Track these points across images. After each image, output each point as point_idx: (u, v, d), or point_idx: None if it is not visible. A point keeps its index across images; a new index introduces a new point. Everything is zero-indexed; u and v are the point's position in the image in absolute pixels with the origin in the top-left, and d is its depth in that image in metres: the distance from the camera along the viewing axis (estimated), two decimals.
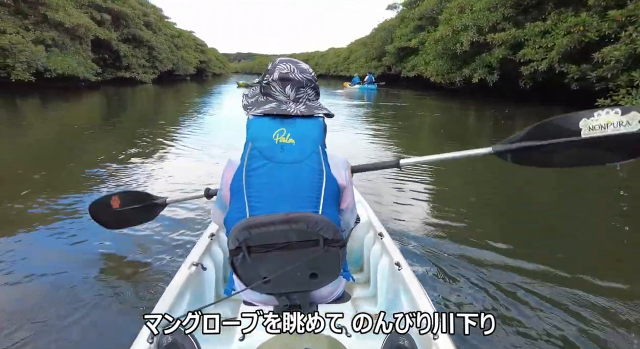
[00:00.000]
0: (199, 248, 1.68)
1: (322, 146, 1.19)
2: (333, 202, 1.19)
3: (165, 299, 1.29)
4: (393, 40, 32.86)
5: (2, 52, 14.47)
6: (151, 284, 2.22)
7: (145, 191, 2.67)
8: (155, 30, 29.29)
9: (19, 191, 3.82)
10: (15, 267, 2.41)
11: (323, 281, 1.21)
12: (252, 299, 1.29)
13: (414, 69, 26.79)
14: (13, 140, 6.84)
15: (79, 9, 20.20)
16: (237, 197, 1.16)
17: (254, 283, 1.17)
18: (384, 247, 1.70)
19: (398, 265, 1.50)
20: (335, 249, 1.15)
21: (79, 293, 2.12)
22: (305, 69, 1.26)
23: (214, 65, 56.12)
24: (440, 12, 23.31)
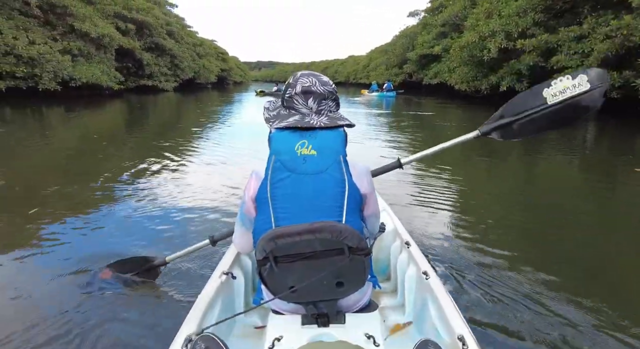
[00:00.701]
0: (229, 257, 1.69)
1: (344, 156, 1.21)
2: (356, 210, 1.20)
3: (197, 307, 1.32)
4: (414, 47, 32.41)
5: (31, 62, 14.80)
6: (184, 291, 2.24)
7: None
8: (178, 39, 29.75)
9: (38, 202, 3.83)
10: (51, 272, 2.44)
11: (349, 289, 1.22)
12: (280, 308, 1.31)
13: (437, 77, 26.24)
14: (38, 149, 6.82)
15: (105, 19, 20.66)
16: (263, 209, 1.19)
17: (281, 292, 1.19)
18: (411, 256, 1.69)
19: (425, 274, 1.49)
20: (360, 258, 1.16)
21: (113, 300, 2.15)
22: (326, 82, 1.29)
23: (235, 73, 56.81)
24: (464, 19, 22.75)
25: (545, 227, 3.38)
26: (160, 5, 30.42)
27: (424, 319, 1.44)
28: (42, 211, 3.59)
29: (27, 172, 5.24)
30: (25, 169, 5.36)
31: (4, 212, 3.60)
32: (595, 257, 2.80)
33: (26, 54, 14.36)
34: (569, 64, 11.02)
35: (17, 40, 14.23)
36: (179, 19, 33.99)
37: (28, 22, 15.56)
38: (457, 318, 1.22)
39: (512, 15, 13.12)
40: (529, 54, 12.56)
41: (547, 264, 2.55)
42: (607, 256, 2.83)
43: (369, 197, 1.27)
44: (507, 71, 14.24)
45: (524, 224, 3.46)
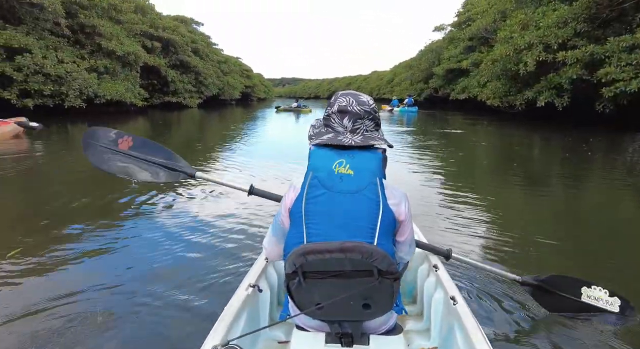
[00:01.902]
0: (256, 269, 1.69)
1: (380, 178, 1.20)
2: (389, 233, 1.19)
3: (224, 318, 1.33)
4: (441, 62, 31.78)
5: (59, 81, 14.98)
6: (210, 301, 2.25)
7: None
8: (203, 56, 30.16)
9: (61, 217, 3.89)
10: (77, 285, 2.44)
11: (376, 312, 1.21)
12: (305, 324, 1.31)
13: (465, 91, 25.36)
14: (62, 166, 6.79)
15: (132, 37, 21.03)
16: (296, 223, 1.20)
17: (307, 308, 1.20)
18: (439, 280, 1.66)
19: (453, 299, 1.45)
20: (389, 282, 1.14)
21: (138, 312, 2.15)
22: (364, 102, 1.29)
23: (259, 90, 57.45)
24: (495, 32, 21.94)
25: (584, 257, 3.19)
26: (186, 24, 31.08)
27: (449, 345, 1.42)
28: (64, 224, 3.62)
29: (52, 186, 5.31)
30: (50, 183, 5.44)
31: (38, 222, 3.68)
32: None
33: (54, 72, 14.54)
34: (620, 77, 10.01)
35: (46, 59, 14.44)
36: (204, 36, 34.62)
37: (58, 41, 15.86)
38: (484, 346, 1.20)
39: (551, 26, 12.24)
40: (571, 67, 11.60)
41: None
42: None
43: (404, 223, 1.25)
44: (545, 85, 13.28)
45: (559, 252, 3.22)
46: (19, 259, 2.86)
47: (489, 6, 23.46)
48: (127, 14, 20.38)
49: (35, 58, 14.07)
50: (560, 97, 12.83)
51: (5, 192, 5.02)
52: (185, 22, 31.60)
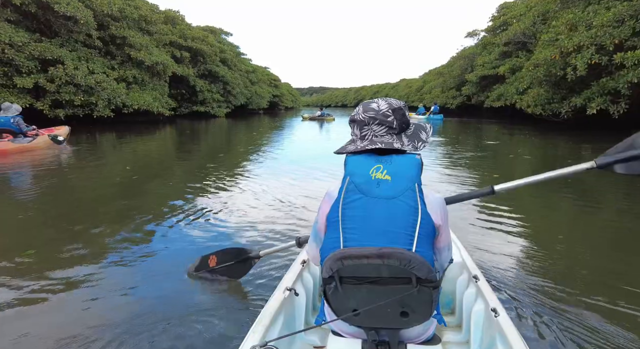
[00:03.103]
0: (292, 273, 1.72)
1: (419, 184, 1.19)
2: (428, 240, 1.17)
3: (262, 320, 1.35)
4: (474, 68, 30.52)
5: (89, 91, 15.16)
6: (247, 304, 2.32)
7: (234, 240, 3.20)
8: (231, 66, 30.32)
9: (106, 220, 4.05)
10: (114, 293, 2.48)
11: (414, 320, 1.19)
12: (341, 330, 1.30)
13: (501, 99, 24.04)
14: (90, 176, 6.73)
15: (161, 48, 21.29)
16: (333, 228, 1.20)
17: (344, 313, 1.19)
18: (479, 291, 1.63)
19: (495, 311, 1.41)
20: (428, 290, 1.13)
21: (178, 314, 2.19)
22: (371, 108, 1.29)
23: (286, 99, 57.63)
24: (534, 36, 20.68)
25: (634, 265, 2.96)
26: (215, 34, 31.44)
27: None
28: (111, 228, 3.74)
29: (89, 193, 5.40)
30: (86, 190, 5.54)
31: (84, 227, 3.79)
32: None
33: (84, 82, 14.70)
34: None
35: (78, 70, 14.64)
36: (233, 46, 34.97)
37: (90, 53, 16.13)
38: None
39: (605, 25, 11.07)
40: (631, 69, 10.39)
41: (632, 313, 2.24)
42: None
43: (442, 229, 1.23)
44: (597, 91, 12.04)
45: (614, 272, 2.90)
46: (53, 264, 2.90)
47: (527, 9, 22.22)
48: (157, 25, 20.64)
49: (67, 69, 14.28)
50: (615, 104, 11.58)
51: (37, 196, 5.17)
52: (215, 32, 31.99)
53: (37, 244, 3.34)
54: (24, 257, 3.03)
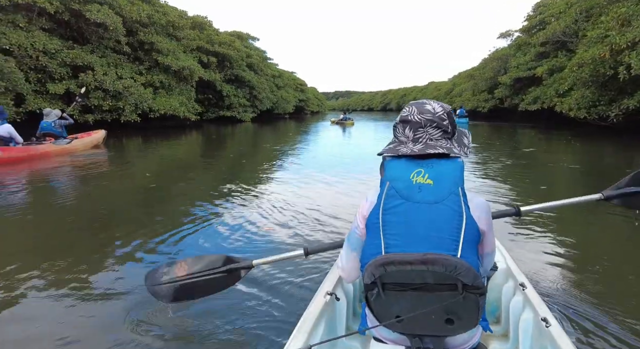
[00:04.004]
0: (332, 278, 1.69)
1: (462, 188, 1.16)
2: (473, 246, 1.14)
3: (304, 324, 1.36)
4: (507, 70, 29.23)
5: (117, 96, 15.35)
6: (286, 306, 2.33)
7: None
8: (257, 71, 30.36)
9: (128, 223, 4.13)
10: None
11: (459, 328, 1.16)
12: (383, 336, 1.28)
13: (537, 102, 22.75)
14: (115, 180, 6.91)
15: (189, 53, 21.47)
16: (373, 234, 1.18)
17: (386, 320, 1.18)
18: (527, 299, 1.58)
19: (545, 321, 1.37)
20: (474, 297, 1.10)
21: (218, 316, 2.21)
22: (427, 110, 1.25)
23: (312, 103, 57.52)
24: (575, 34, 19.41)
25: None
26: (242, 39, 31.64)
27: None
28: (129, 232, 3.78)
29: (110, 198, 5.46)
30: (108, 196, 5.59)
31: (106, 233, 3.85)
32: None
33: (112, 88, 14.89)
34: None
35: (106, 75, 14.85)
36: (259, 51, 35.10)
37: (119, 58, 16.38)
38: None
39: None
40: None
41: None
42: None
43: (486, 234, 1.20)
44: None
45: None
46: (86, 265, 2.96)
47: (568, 6, 20.90)
48: (185, 31, 20.84)
49: (97, 75, 14.50)
50: None
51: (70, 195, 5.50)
52: (241, 37, 32.21)
53: (65, 246, 3.46)
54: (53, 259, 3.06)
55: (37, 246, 3.49)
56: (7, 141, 7.81)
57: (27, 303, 2.45)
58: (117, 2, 15.35)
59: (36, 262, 3.00)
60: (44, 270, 2.88)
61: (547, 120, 23.15)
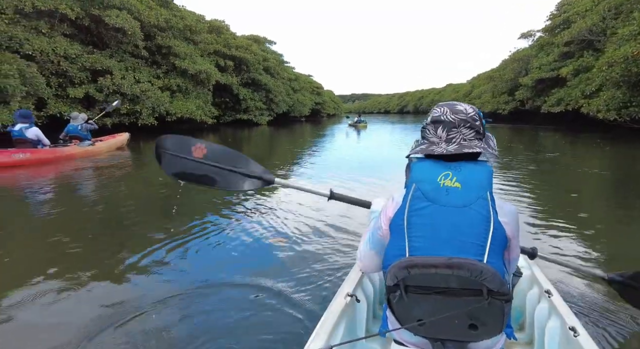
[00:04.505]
0: (352, 279, 1.70)
1: (491, 192, 1.14)
2: (499, 252, 1.12)
3: (325, 324, 1.36)
4: (529, 71, 28.44)
5: (135, 99, 15.50)
6: (307, 306, 2.33)
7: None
8: (274, 74, 30.40)
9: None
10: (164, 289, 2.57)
11: (483, 334, 1.14)
12: (405, 339, 1.27)
13: (561, 103, 21.97)
14: (132, 184, 6.94)
15: (206, 57, 21.61)
16: (397, 236, 1.17)
17: (408, 323, 1.17)
18: (553, 307, 1.55)
19: (573, 330, 1.33)
20: (499, 303, 1.08)
21: (237, 313, 2.25)
22: (459, 110, 1.23)
23: (329, 106, 57.42)
24: (602, 32, 18.64)
25: None
26: (259, 43, 31.76)
27: None
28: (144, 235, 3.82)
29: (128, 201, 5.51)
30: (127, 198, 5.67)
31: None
32: None
33: (130, 91, 15.04)
34: None
35: (124, 79, 15.01)
36: (276, 55, 35.19)
37: (137, 62, 16.57)
38: None
39: None
40: None
41: None
42: None
43: (513, 240, 1.18)
44: None
45: None
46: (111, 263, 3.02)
47: (594, 3, 20.12)
48: (202, 34, 20.98)
49: (115, 79, 14.67)
50: None
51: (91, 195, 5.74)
52: (259, 41, 32.35)
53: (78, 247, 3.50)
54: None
55: (52, 246, 3.54)
56: (35, 143, 8.12)
57: (37, 301, 2.46)
58: (136, 7, 15.53)
59: (44, 264, 3.04)
60: (50, 274, 2.87)
61: (572, 122, 22.32)
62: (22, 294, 2.52)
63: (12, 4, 12.40)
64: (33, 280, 2.72)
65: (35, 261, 3.13)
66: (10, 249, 3.41)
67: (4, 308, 2.36)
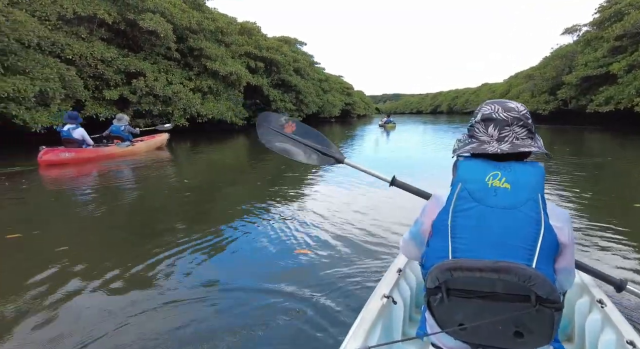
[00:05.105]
0: (389, 280, 1.69)
1: (542, 194, 1.10)
2: (550, 257, 1.07)
3: (361, 325, 1.35)
4: (573, 69, 26.74)
5: (167, 101, 15.81)
6: (338, 306, 2.34)
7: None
8: (304, 75, 30.33)
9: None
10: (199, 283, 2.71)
11: (529, 343, 1.08)
12: (444, 343, 1.23)
13: (610, 102, 20.44)
14: (163, 183, 7.14)
15: (237, 58, 21.81)
16: (440, 237, 1.13)
17: (448, 327, 1.14)
18: (607, 318, 1.46)
19: (632, 345, 1.25)
20: (549, 311, 1.02)
21: (271, 313, 2.26)
22: (511, 108, 1.19)
23: (359, 106, 56.93)
24: None
25: None
26: (289, 44, 31.80)
27: None
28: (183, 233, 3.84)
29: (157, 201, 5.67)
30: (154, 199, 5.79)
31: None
32: None
33: (162, 93, 15.34)
34: None
35: (157, 81, 15.34)
36: (306, 56, 35.13)
37: (169, 65, 16.92)
38: None
39: None
40: None
41: None
42: None
43: (567, 248, 1.11)
44: None
45: None
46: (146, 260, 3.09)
47: None
48: (233, 36, 21.18)
49: (148, 81, 15.01)
50: None
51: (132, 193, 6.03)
52: (289, 42, 32.40)
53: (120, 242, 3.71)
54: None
55: (83, 243, 3.70)
56: (80, 143, 8.79)
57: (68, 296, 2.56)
58: (169, 10, 15.84)
59: (78, 256, 3.25)
60: (82, 270, 3.00)
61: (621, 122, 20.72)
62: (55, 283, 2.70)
63: (55, 11, 12.93)
64: (53, 273, 2.89)
65: (62, 256, 3.25)
66: (42, 242, 3.65)
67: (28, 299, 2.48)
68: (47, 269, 2.94)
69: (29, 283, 2.72)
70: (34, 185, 6.72)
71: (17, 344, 2.04)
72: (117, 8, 14.71)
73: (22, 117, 9.93)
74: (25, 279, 2.76)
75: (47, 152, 7.96)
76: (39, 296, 2.53)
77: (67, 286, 2.67)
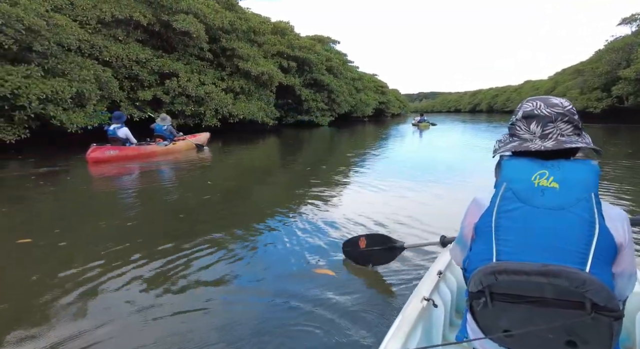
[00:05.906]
0: (428, 283, 1.67)
1: (595, 194, 1.02)
2: (607, 261, 1.00)
3: (401, 328, 1.33)
4: (631, 62, 24.55)
5: (200, 101, 15.92)
6: (374, 307, 2.34)
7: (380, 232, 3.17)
8: (337, 74, 29.85)
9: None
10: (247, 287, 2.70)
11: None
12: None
13: None
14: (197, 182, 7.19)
15: (270, 58, 21.72)
16: (484, 239, 1.11)
17: (492, 332, 1.09)
18: None
19: None
20: (607, 320, 0.95)
21: (312, 317, 2.24)
22: (555, 104, 1.14)
23: (393, 105, 55.69)
24: None
25: None
26: (322, 43, 31.46)
27: None
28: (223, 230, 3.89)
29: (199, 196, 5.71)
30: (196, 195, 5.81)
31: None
32: None
33: (195, 93, 15.45)
34: None
35: (189, 82, 15.46)
36: (340, 55, 34.63)
37: (202, 65, 17.04)
38: None
39: None
40: None
41: None
42: None
43: (624, 250, 1.03)
44: None
45: None
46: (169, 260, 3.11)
47: None
48: (265, 36, 21.09)
49: (181, 81, 15.15)
50: None
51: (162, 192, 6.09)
52: (322, 41, 32.07)
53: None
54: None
55: (121, 240, 3.71)
56: (124, 141, 9.33)
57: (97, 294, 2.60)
58: (202, 11, 15.92)
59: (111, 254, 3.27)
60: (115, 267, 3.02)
61: None
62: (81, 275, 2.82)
63: (95, 14, 13.31)
64: (86, 266, 2.98)
65: (95, 253, 3.31)
66: (77, 238, 3.78)
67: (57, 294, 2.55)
68: (74, 264, 3.04)
69: (60, 276, 2.83)
70: (73, 183, 6.99)
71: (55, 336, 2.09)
72: (152, 10, 14.95)
73: (60, 117, 10.21)
74: (56, 273, 2.87)
75: (95, 150, 8.55)
76: (70, 289, 2.62)
77: (93, 282, 2.73)
